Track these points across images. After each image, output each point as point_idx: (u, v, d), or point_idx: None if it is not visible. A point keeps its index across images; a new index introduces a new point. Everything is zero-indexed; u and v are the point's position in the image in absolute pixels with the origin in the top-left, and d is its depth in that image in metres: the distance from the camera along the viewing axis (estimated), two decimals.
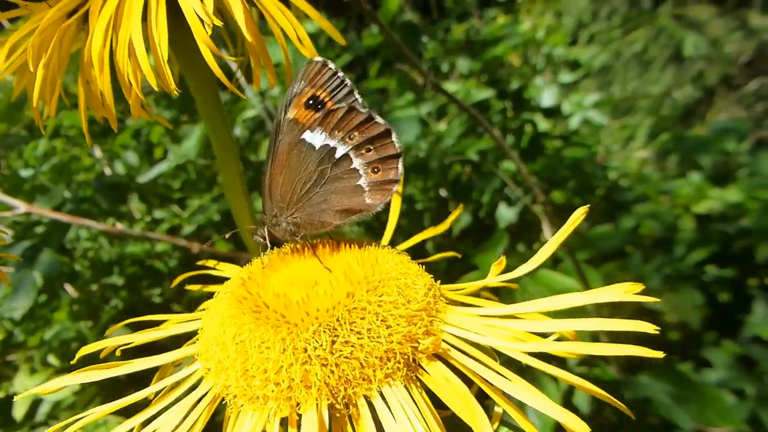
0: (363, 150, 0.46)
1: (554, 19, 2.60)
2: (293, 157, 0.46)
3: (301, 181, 0.46)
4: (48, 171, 1.34)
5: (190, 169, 1.54)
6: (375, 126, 0.46)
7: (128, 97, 0.41)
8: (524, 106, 1.85)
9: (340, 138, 0.46)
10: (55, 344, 1.12)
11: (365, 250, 0.44)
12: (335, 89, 0.46)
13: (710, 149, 1.57)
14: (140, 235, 0.99)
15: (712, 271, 1.48)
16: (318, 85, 0.46)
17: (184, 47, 0.46)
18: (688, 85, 2.97)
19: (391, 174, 0.46)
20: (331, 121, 0.46)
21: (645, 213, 1.44)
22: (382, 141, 0.46)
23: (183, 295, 1.52)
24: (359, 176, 0.46)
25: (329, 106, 0.46)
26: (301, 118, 0.46)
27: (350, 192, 0.47)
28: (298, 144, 0.46)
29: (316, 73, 0.46)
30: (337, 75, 0.46)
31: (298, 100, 0.46)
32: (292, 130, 0.46)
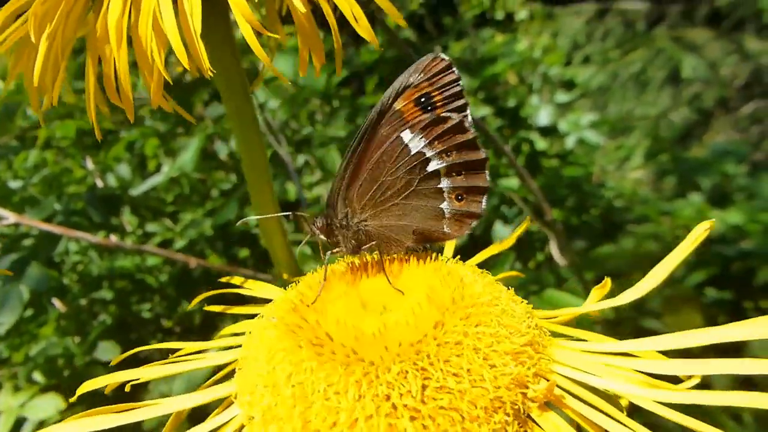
0: (454, 172, 0.41)
1: (551, 39, 2.61)
2: (385, 153, 0.41)
3: (385, 184, 0.41)
4: (38, 183, 1.31)
5: (183, 183, 1.52)
6: (475, 152, 0.41)
7: (149, 79, 0.34)
8: (521, 124, 1.85)
9: (437, 151, 0.41)
10: (41, 361, 1.09)
11: (442, 265, 0.37)
12: (451, 97, 0.41)
13: (710, 171, 1.57)
14: (135, 249, 0.96)
15: (712, 293, 1.46)
16: (436, 85, 0.41)
17: (210, 28, 0.39)
18: (684, 106, 2.98)
19: (474, 207, 0.42)
20: (436, 129, 0.41)
21: (646, 234, 1.43)
22: (476, 170, 0.41)
23: (174, 310, 1.49)
24: (443, 199, 0.42)
25: (439, 113, 0.41)
26: (406, 112, 0.41)
27: (430, 214, 0.42)
28: (395, 140, 0.41)
29: (438, 71, 0.41)
30: (458, 83, 0.41)
31: (410, 93, 0.41)
32: (393, 122, 0.41)
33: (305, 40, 0.38)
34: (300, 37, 0.38)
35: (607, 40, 3.49)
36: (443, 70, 0.41)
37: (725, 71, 3.01)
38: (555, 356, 0.32)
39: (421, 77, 0.41)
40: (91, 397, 0.84)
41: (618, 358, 0.30)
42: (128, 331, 1.42)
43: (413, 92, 0.41)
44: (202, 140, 1.12)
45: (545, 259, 1.66)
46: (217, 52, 0.41)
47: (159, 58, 0.33)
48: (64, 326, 1.24)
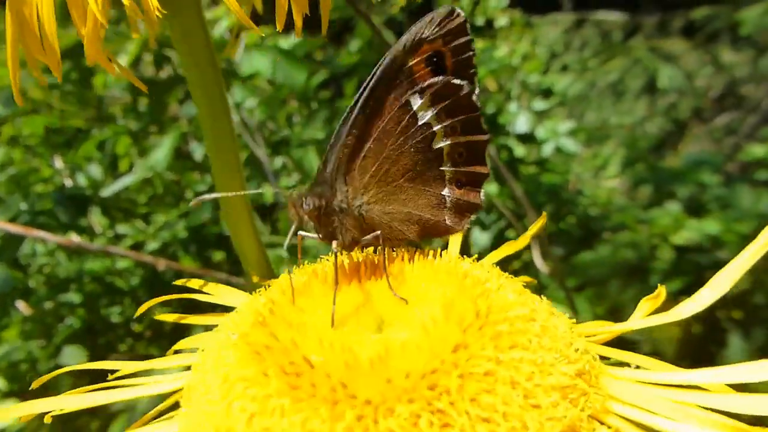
0: (457, 154, 0.34)
1: (530, 47, 2.62)
2: (392, 120, 0.33)
3: (389, 159, 0.33)
4: (5, 181, 1.27)
5: (157, 183, 1.49)
6: (479, 132, 0.34)
7: (80, 26, 0.25)
8: (499, 130, 1.84)
9: (444, 125, 0.34)
10: (3, 365, 1.05)
11: (456, 265, 0.28)
12: (464, 62, 0.34)
13: (685, 180, 1.58)
14: (100, 250, 0.92)
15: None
16: (451, 44, 0.34)
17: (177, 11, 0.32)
18: (660, 116, 3.01)
19: (473, 196, 0.35)
20: (445, 98, 0.34)
21: (623, 242, 1.43)
22: (478, 151, 0.34)
23: (145, 315, 1.45)
24: (444, 185, 0.34)
25: (451, 78, 0.34)
26: (417, 70, 0.34)
27: (433, 201, 0.34)
28: (403, 105, 0.33)
29: (453, 28, 0.34)
30: (471, 46, 0.34)
31: (426, 48, 0.34)
32: (403, 83, 0.33)
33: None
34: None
35: (585, 50, 3.52)
36: (458, 29, 0.34)
37: (700, 82, 3.06)
38: (609, 389, 0.24)
39: (436, 31, 0.34)
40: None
41: (684, 392, 0.23)
42: (96, 335, 1.38)
43: (427, 48, 0.34)
44: (175, 139, 1.09)
45: (522, 266, 1.66)
46: (187, 40, 0.34)
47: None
48: (28, 330, 1.20)
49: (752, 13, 2.73)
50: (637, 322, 0.28)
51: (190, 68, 0.35)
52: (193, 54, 0.34)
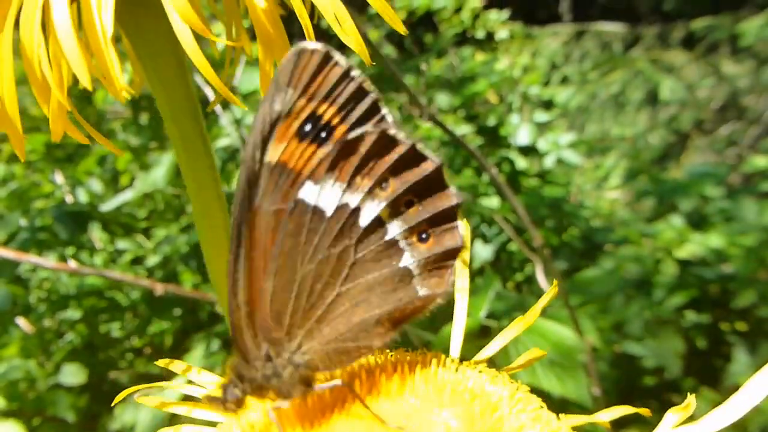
0: (402, 206, 0.26)
1: (530, 59, 2.62)
2: (287, 238, 0.25)
3: (306, 280, 0.25)
4: (5, 197, 1.27)
5: (157, 198, 1.48)
6: (420, 163, 0.26)
7: (43, 104, 0.24)
8: (500, 143, 1.84)
9: (366, 189, 0.26)
10: (2, 384, 1.04)
11: (463, 379, 0.24)
12: (349, 102, 0.26)
13: (688, 193, 1.57)
14: (98, 274, 0.91)
15: (691, 316, 1.46)
16: (320, 95, 0.25)
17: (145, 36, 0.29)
18: (662, 128, 3.01)
19: (448, 239, 0.27)
20: (349, 159, 0.26)
21: (627, 256, 1.42)
22: (431, 187, 0.26)
23: (144, 330, 1.45)
24: (401, 252, 0.26)
25: (341, 134, 0.26)
26: (293, 159, 0.25)
27: (391, 282, 0.26)
28: (294, 210, 0.25)
29: (314, 72, 0.25)
30: (351, 75, 0.25)
31: (285, 127, 0.25)
32: (279, 186, 0.25)
33: (268, 48, 0.27)
34: (261, 45, 0.27)
35: (585, 62, 3.52)
36: (320, 67, 0.25)
37: (701, 93, 3.06)
38: None
39: (291, 94, 0.25)
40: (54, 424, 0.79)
41: None
42: (96, 351, 1.38)
43: (288, 124, 0.25)
44: (176, 156, 1.09)
45: (524, 279, 1.65)
46: (156, 64, 0.30)
47: (55, 75, 0.23)
48: (27, 347, 1.19)
49: (753, 24, 2.74)
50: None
51: (173, 126, 0.31)
52: (173, 108, 0.31)
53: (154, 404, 0.28)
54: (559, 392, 0.61)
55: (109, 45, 0.22)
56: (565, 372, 0.61)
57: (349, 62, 0.25)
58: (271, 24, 0.26)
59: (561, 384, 0.61)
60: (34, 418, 1.03)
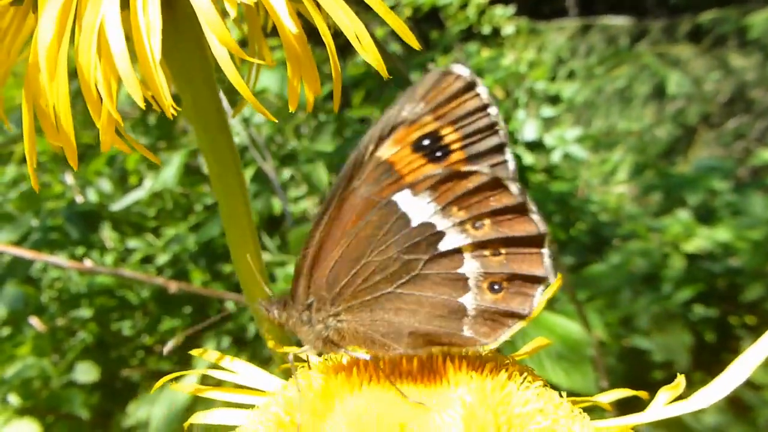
0: (488, 251, 0.27)
1: (536, 54, 2.62)
2: (367, 224, 0.27)
3: (369, 266, 0.27)
4: (17, 198, 1.28)
5: (166, 197, 1.49)
6: (524, 221, 0.27)
7: (96, 119, 0.26)
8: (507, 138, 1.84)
9: (458, 221, 0.27)
10: (17, 383, 1.05)
11: (472, 359, 0.27)
12: (476, 134, 0.27)
13: (696, 187, 1.57)
14: (110, 272, 0.92)
15: (699, 310, 1.46)
16: (448, 117, 0.27)
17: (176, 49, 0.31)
18: (668, 122, 3.00)
19: (517, 303, 0.27)
20: (452, 188, 0.27)
21: (635, 250, 1.43)
22: (525, 249, 0.27)
23: (154, 328, 1.46)
24: (466, 289, 0.27)
25: (456, 161, 0.27)
26: (400, 163, 0.27)
27: (443, 310, 0.27)
28: (384, 205, 0.27)
29: (451, 95, 0.27)
30: (488, 110, 0.27)
31: (403, 134, 0.27)
32: (379, 179, 0.27)
33: (296, 67, 0.28)
34: (290, 64, 0.28)
35: (591, 56, 3.51)
36: (459, 93, 0.27)
37: (708, 87, 3.05)
38: None
39: (422, 108, 0.27)
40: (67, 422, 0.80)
41: None
42: (108, 349, 1.39)
43: (409, 131, 0.27)
44: (185, 156, 1.10)
45: None
46: (186, 75, 0.33)
47: (107, 92, 0.25)
48: (41, 346, 1.20)
49: (760, 17, 2.73)
50: (656, 412, 0.27)
51: (201, 132, 0.34)
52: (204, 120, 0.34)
53: (189, 390, 0.31)
54: (567, 386, 0.61)
55: (157, 67, 0.24)
56: (572, 366, 0.62)
57: (490, 97, 0.27)
58: (299, 46, 0.27)
59: (569, 378, 0.61)
60: (48, 416, 1.05)
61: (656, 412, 0.26)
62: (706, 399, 0.25)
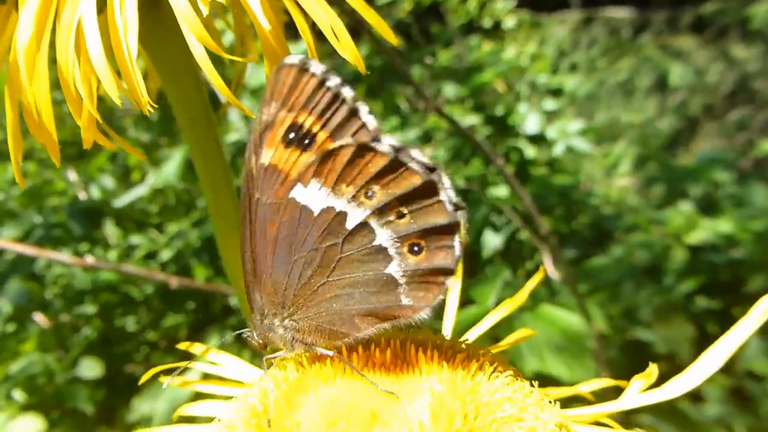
0: (392, 215, 0.28)
1: (538, 47, 2.62)
2: (282, 227, 0.29)
3: (299, 263, 0.29)
4: (20, 195, 1.28)
5: (168, 193, 1.50)
6: (407, 175, 0.27)
7: (77, 117, 0.27)
8: (509, 132, 1.84)
9: (350, 195, 0.28)
10: (22, 379, 1.06)
11: (444, 350, 0.27)
12: (327, 110, 0.28)
13: (698, 179, 1.57)
14: (112, 268, 0.93)
15: (701, 301, 1.46)
16: (298, 105, 0.28)
17: (160, 45, 0.32)
18: (671, 114, 3.00)
19: (440, 257, 0.28)
20: (331, 168, 0.28)
21: (637, 242, 1.43)
22: (423, 200, 0.28)
23: (158, 323, 1.46)
24: (389, 258, 0.28)
25: (323, 141, 0.28)
26: (281, 163, 0.28)
27: (376, 284, 0.28)
28: (287, 207, 0.28)
29: (291, 85, 0.28)
30: (327, 84, 0.27)
31: (271, 135, 0.28)
32: (272, 184, 0.29)
33: (273, 62, 0.29)
34: (267, 59, 0.29)
35: (593, 48, 3.50)
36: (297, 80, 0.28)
37: (711, 78, 3.04)
38: None
39: (274, 107, 0.28)
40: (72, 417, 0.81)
41: None
42: (112, 345, 1.40)
43: (274, 132, 0.28)
44: (186, 152, 1.10)
45: (534, 268, 1.65)
46: (170, 71, 0.33)
47: (87, 90, 0.25)
48: (45, 342, 1.21)
49: (763, 8, 2.71)
50: (630, 400, 0.28)
51: (187, 128, 0.35)
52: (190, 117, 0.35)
53: (176, 383, 0.32)
54: (568, 378, 0.62)
55: (134, 64, 0.25)
56: (573, 358, 0.62)
57: (325, 72, 0.28)
58: (276, 41, 0.28)
59: (569, 370, 0.61)
60: (53, 411, 1.05)
61: (630, 400, 0.27)
62: (680, 387, 0.26)
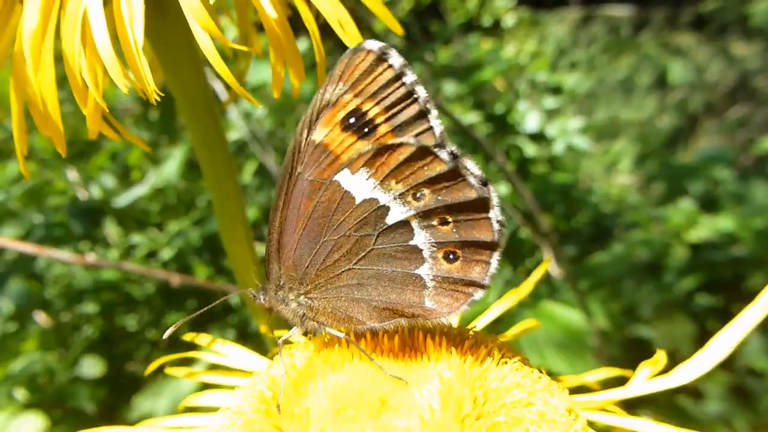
0: (435, 220, 0.27)
1: (538, 45, 2.62)
2: (319, 207, 0.28)
3: (327, 245, 0.28)
4: (20, 195, 1.28)
5: (169, 192, 1.50)
6: (462, 186, 0.27)
7: (82, 106, 0.27)
8: (509, 130, 1.84)
9: (398, 193, 0.27)
10: (23, 378, 1.06)
11: (452, 337, 0.27)
12: (396, 104, 0.27)
13: (698, 176, 1.57)
14: (114, 266, 0.93)
15: (702, 299, 1.46)
16: (367, 93, 0.27)
17: (164, 39, 0.32)
18: (671, 111, 2.99)
19: (476, 271, 0.28)
20: (385, 162, 0.27)
21: (637, 240, 1.43)
22: (471, 213, 0.27)
23: (159, 322, 1.46)
24: (421, 260, 0.28)
25: (383, 134, 0.28)
26: (333, 144, 0.28)
27: (402, 282, 0.28)
28: (328, 187, 0.28)
29: (365, 71, 0.27)
30: (403, 79, 0.27)
31: (330, 115, 0.28)
32: (319, 162, 0.28)
33: (279, 53, 0.29)
34: (272, 49, 0.29)
35: (593, 46, 3.50)
36: (373, 67, 0.27)
37: (711, 76, 3.03)
38: None
39: (341, 88, 0.28)
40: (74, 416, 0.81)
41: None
42: (113, 344, 1.40)
43: (334, 113, 0.28)
44: (186, 151, 1.10)
45: (535, 265, 1.65)
46: (175, 65, 0.33)
47: (93, 80, 0.25)
48: (46, 341, 1.21)
49: (762, 5, 2.71)
50: (637, 387, 0.28)
51: (191, 122, 0.35)
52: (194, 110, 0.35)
53: (182, 374, 0.33)
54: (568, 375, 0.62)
55: (140, 54, 0.25)
56: (574, 355, 0.62)
57: (403, 65, 0.27)
58: (281, 31, 0.28)
59: (570, 366, 0.62)
60: (54, 410, 1.05)
61: (637, 387, 0.27)
62: (686, 374, 0.26)
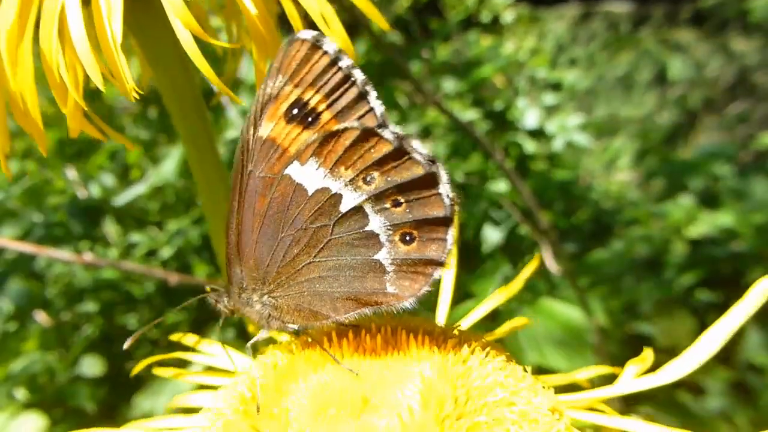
0: (388, 202, 0.27)
1: (537, 42, 2.61)
2: (273, 203, 0.28)
3: (285, 240, 0.28)
4: (19, 194, 1.28)
5: (168, 191, 1.50)
6: (410, 164, 0.27)
7: (62, 104, 0.27)
8: (508, 127, 1.84)
9: (348, 179, 0.27)
10: (23, 377, 1.06)
11: (436, 335, 0.27)
12: (336, 90, 0.27)
13: (698, 172, 1.56)
14: (111, 264, 0.93)
15: (702, 295, 1.46)
16: (306, 81, 0.27)
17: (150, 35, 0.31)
18: (670, 108, 2.99)
19: (432, 249, 0.27)
20: (332, 149, 0.27)
21: (637, 236, 1.42)
22: (422, 191, 0.27)
23: (161, 322, 1.46)
24: (379, 245, 0.28)
25: (327, 121, 0.28)
26: (280, 137, 0.28)
27: (362, 270, 0.28)
28: (280, 182, 0.28)
29: (302, 60, 0.27)
30: (339, 64, 0.27)
31: (274, 108, 0.28)
32: (268, 158, 0.28)
33: (262, 49, 0.28)
34: (255, 46, 0.28)
35: (592, 43, 3.50)
36: (308, 56, 0.27)
37: (711, 72, 3.03)
38: None
39: (281, 80, 0.27)
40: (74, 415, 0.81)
41: None
42: (113, 343, 1.40)
43: (277, 106, 0.28)
44: (184, 150, 1.10)
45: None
46: (161, 61, 0.33)
47: (72, 78, 0.25)
48: (46, 340, 1.21)
49: (762, 1, 2.71)
50: (624, 385, 0.27)
51: (179, 119, 0.35)
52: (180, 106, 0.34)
53: (170, 374, 0.34)
54: (568, 372, 0.62)
55: (118, 50, 0.25)
56: (573, 352, 0.62)
57: (338, 51, 0.27)
58: (264, 27, 0.28)
59: (570, 364, 0.62)
60: (54, 410, 1.05)
61: (624, 385, 0.27)
62: (674, 372, 0.25)
